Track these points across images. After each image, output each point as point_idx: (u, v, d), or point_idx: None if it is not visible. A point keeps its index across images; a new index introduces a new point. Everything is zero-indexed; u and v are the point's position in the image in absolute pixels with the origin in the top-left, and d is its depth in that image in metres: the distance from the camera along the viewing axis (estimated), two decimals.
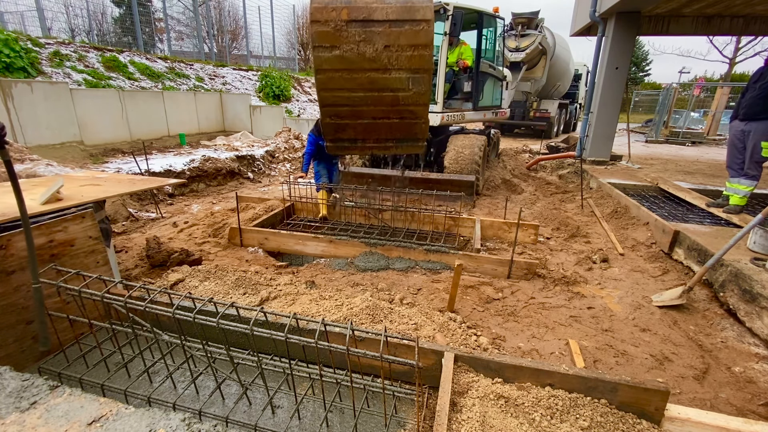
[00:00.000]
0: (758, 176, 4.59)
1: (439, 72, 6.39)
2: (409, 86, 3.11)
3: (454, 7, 6.11)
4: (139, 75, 10.61)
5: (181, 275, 3.16)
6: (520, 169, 8.98)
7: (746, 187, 4.64)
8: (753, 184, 4.62)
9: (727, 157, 4.89)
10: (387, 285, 3.51)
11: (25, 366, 2.07)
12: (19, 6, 11.53)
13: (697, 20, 8.69)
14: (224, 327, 1.56)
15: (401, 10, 2.88)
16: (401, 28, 2.91)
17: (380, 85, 3.14)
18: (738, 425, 1.67)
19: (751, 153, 4.51)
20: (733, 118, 4.83)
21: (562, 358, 2.60)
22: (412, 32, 2.92)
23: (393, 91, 3.15)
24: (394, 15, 2.88)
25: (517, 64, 11.29)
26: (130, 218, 5.17)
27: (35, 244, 2.10)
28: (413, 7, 2.88)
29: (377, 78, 3.10)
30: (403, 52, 2.98)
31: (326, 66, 3.08)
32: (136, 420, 1.26)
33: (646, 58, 41.80)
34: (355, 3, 2.90)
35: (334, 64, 3.06)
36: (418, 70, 3.07)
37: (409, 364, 1.46)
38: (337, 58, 3.03)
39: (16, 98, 6.83)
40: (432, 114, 6.55)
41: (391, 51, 2.98)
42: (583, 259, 4.18)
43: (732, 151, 4.79)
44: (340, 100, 3.27)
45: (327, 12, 2.90)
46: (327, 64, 3.06)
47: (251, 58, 17.86)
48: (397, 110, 3.29)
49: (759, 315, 2.87)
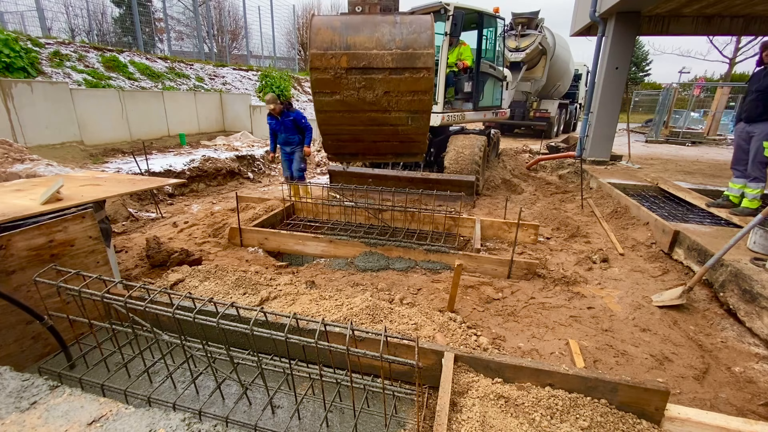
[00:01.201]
0: (763, 177, 4.58)
1: (440, 73, 6.39)
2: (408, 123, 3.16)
3: (454, 7, 6.12)
4: (139, 75, 10.61)
5: (181, 275, 3.16)
6: (520, 169, 8.98)
7: (755, 189, 4.64)
8: (760, 186, 4.62)
9: (733, 158, 4.93)
10: (387, 285, 3.51)
11: (25, 366, 2.07)
12: (19, 6, 11.52)
13: (697, 20, 8.68)
14: (224, 327, 1.55)
15: (401, 57, 2.83)
16: (401, 76, 2.89)
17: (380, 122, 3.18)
18: (738, 425, 1.67)
19: (754, 154, 4.54)
20: (738, 120, 4.92)
21: (562, 358, 2.60)
22: (412, 79, 2.90)
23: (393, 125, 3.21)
24: (394, 63, 2.85)
25: (517, 64, 11.29)
26: (130, 218, 5.17)
27: (35, 244, 2.11)
28: (413, 54, 2.82)
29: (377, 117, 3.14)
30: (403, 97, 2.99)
31: (327, 108, 3.11)
32: (136, 420, 1.25)
33: (646, 58, 41.79)
34: (354, 49, 2.85)
35: (335, 106, 3.08)
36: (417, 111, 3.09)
37: (409, 364, 1.46)
38: (337, 102, 3.05)
39: (16, 98, 6.83)
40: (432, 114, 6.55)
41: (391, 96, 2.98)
42: (583, 259, 4.18)
43: (738, 152, 4.84)
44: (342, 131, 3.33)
45: (326, 59, 2.87)
46: (328, 106, 3.10)
47: (251, 58, 17.86)
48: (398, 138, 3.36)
49: (759, 315, 2.87)
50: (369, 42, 2.79)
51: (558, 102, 14.95)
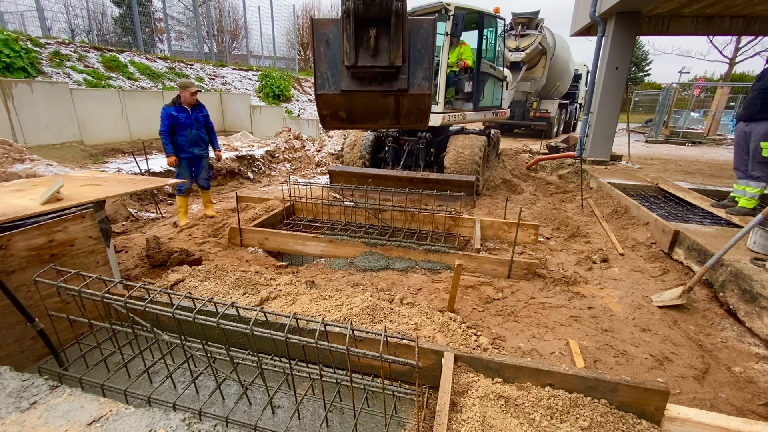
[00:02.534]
0: (765, 177, 4.48)
1: (440, 72, 6.38)
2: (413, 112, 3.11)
3: (455, 7, 6.11)
4: (139, 75, 10.61)
5: (181, 275, 3.15)
6: (520, 169, 8.98)
7: (754, 188, 4.55)
8: (761, 186, 4.51)
9: (734, 159, 4.86)
10: (387, 285, 3.51)
11: (25, 366, 2.07)
12: (19, 6, 11.53)
13: (697, 20, 8.68)
14: (224, 327, 1.55)
15: None
16: None
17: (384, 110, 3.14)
18: (738, 425, 1.67)
19: (753, 154, 4.47)
20: (738, 119, 4.85)
21: (562, 358, 2.60)
22: None
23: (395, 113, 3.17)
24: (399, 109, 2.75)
25: (517, 64, 11.30)
26: (130, 218, 5.17)
27: (35, 244, 2.11)
28: None
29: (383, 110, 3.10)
30: None
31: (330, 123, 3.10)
32: (136, 420, 1.25)
33: (646, 58, 41.79)
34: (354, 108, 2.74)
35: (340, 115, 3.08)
36: None
37: (409, 364, 1.46)
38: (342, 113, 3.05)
39: (16, 98, 6.83)
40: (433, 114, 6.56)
41: None
42: (583, 259, 4.18)
43: (738, 152, 4.74)
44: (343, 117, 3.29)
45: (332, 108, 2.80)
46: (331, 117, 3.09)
47: (251, 58, 17.87)
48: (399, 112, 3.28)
49: (759, 315, 2.87)
50: None
51: (558, 102, 14.95)
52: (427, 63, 2.35)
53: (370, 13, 2.07)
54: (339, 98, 2.49)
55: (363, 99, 2.52)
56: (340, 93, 2.41)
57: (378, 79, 2.34)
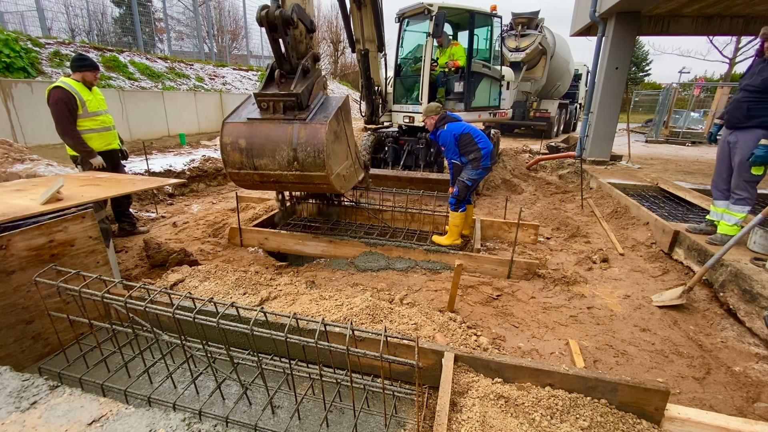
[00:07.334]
0: (751, 198, 3.60)
1: (424, 72, 6.34)
2: None
3: (438, 7, 6.03)
4: (139, 75, 10.61)
5: (181, 275, 3.16)
6: (520, 169, 8.98)
7: (737, 213, 3.67)
8: (744, 210, 3.64)
9: (714, 174, 3.95)
10: (387, 285, 3.51)
11: (25, 366, 2.07)
12: (19, 6, 11.51)
13: (697, 20, 8.69)
14: (224, 327, 1.55)
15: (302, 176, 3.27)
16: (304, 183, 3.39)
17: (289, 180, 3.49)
18: (738, 425, 1.67)
19: (739, 170, 3.60)
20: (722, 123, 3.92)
21: (562, 358, 2.60)
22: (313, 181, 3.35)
23: None
24: (297, 179, 3.32)
25: (517, 64, 11.28)
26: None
27: (35, 244, 2.11)
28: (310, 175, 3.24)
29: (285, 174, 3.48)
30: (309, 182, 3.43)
31: (237, 178, 3.51)
32: (136, 420, 1.25)
33: (646, 58, 41.80)
34: (262, 170, 3.31)
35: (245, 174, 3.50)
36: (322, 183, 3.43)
37: (409, 364, 1.46)
38: None
39: (17, 98, 6.83)
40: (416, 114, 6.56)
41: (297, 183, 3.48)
42: (583, 259, 4.18)
43: (719, 165, 3.85)
44: (254, 182, 3.64)
45: (242, 175, 3.41)
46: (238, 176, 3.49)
47: (251, 58, 17.87)
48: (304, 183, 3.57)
49: (759, 315, 2.87)
50: (272, 164, 3.26)
51: (558, 102, 14.95)
52: None
53: None
54: None
55: None
56: None
57: None
